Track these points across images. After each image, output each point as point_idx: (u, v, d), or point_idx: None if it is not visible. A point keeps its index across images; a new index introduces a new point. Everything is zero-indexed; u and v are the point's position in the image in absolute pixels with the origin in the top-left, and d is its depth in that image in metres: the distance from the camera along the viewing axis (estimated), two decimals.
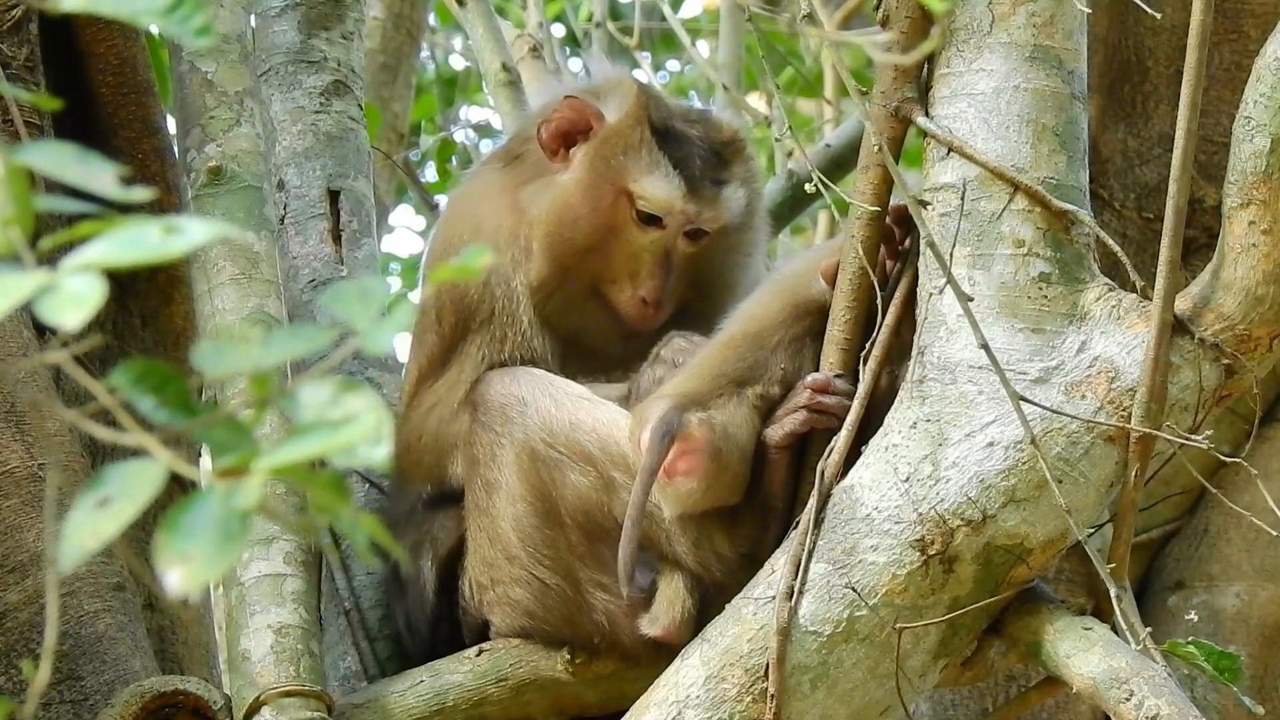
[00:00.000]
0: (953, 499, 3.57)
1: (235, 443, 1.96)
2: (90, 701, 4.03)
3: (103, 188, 2.02)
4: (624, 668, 3.90)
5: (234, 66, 4.35)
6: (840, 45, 3.62)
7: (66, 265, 1.95)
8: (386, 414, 1.96)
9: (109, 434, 1.99)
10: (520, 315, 4.09)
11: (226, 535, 1.90)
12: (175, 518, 1.91)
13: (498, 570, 3.97)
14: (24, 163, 1.99)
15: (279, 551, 3.96)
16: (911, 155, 4.98)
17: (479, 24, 5.79)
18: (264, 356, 2.01)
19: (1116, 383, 3.56)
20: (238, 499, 1.92)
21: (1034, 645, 3.63)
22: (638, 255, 4.08)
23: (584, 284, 4.10)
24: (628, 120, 4.09)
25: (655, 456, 3.69)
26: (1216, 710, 4.79)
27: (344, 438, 1.94)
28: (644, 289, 4.07)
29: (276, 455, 1.94)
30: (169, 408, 1.97)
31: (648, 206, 4.06)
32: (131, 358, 4.34)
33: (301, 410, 1.97)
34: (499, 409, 3.93)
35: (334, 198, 4.71)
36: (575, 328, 4.11)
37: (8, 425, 4.17)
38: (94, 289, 1.91)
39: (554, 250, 4.07)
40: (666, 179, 4.07)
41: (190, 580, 1.88)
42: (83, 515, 1.91)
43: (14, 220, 1.96)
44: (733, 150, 4.18)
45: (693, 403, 3.74)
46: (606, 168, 4.07)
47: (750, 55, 7.75)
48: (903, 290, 3.73)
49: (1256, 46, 3.60)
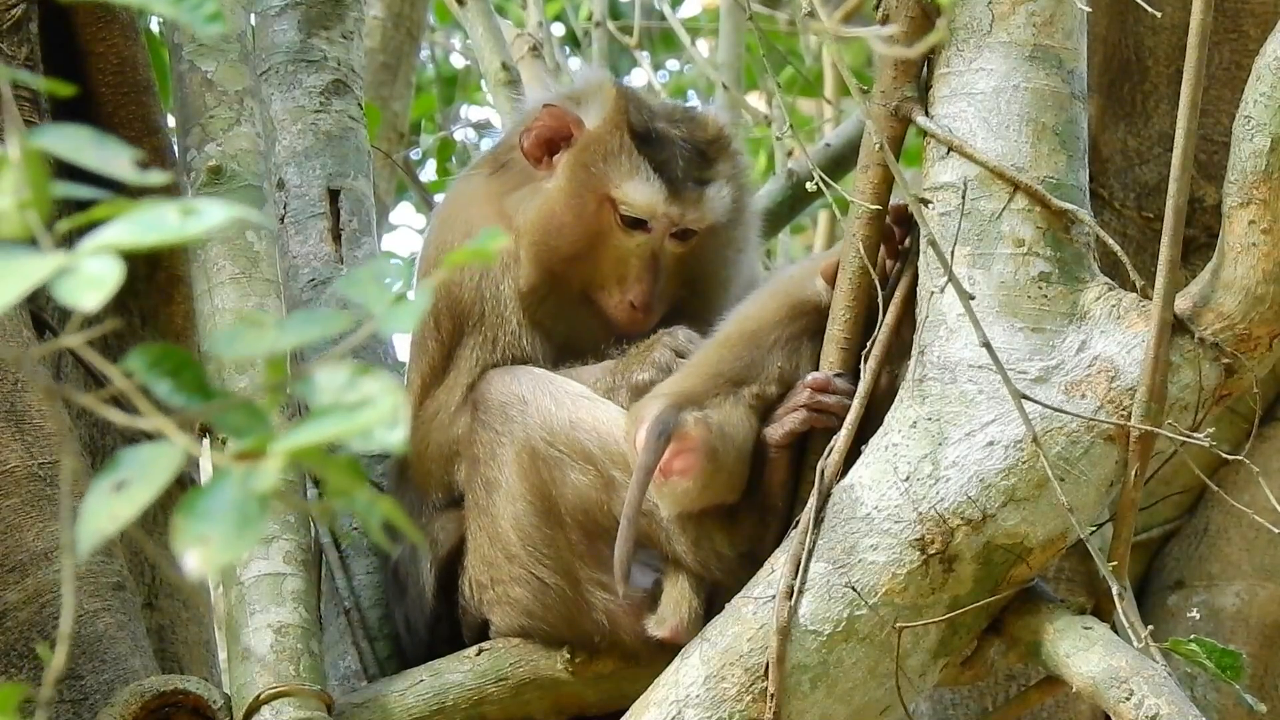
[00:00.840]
0: (953, 498, 3.57)
1: (251, 426, 1.95)
2: (90, 700, 4.03)
3: (119, 171, 2.01)
4: (624, 667, 3.90)
5: (234, 66, 4.35)
6: (841, 43, 3.61)
7: (84, 247, 1.94)
8: (403, 397, 1.96)
9: (124, 418, 1.99)
10: (510, 318, 4.09)
11: (244, 518, 1.90)
12: (193, 501, 1.91)
13: (498, 569, 3.97)
14: (40, 147, 1.99)
15: (279, 550, 3.96)
16: (911, 154, 4.98)
17: (479, 23, 5.79)
18: (279, 340, 2.00)
19: (1116, 382, 3.56)
20: (255, 482, 1.91)
21: (1034, 644, 3.63)
22: (625, 260, 4.07)
23: (573, 289, 4.10)
24: (606, 125, 4.09)
25: (651, 455, 3.69)
26: (1216, 710, 4.79)
27: (360, 421, 1.93)
28: (632, 293, 4.07)
29: (293, 438, 1.93)
30: (185, 392, 1.97)
31: (630, 211, 4.05)
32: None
33: (318, 394, 1.97)
34: (499, 408, 3.93)
35: (334, 197, 4.71)
36: (567, 332, 4.11)
37: (8, 425, 4.17)
38: (112, 270, 1.91)
39: (541, 258, 4.07)
40: (648, 183, 4.06)
41: (208, 563, 1.88)
42: (99, 499, 1.91)
43: (32, 203, 1.96)
44: (717, 148, 4.16)
45: (689, 402, 3.74)
46: (588, 175, 4.07)
47: (750, 54, 7.75)
48: (903, 289, 3.73)
49: (1256, 46, 3.60)
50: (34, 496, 4.14)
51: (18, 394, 4.19)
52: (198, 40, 4.34)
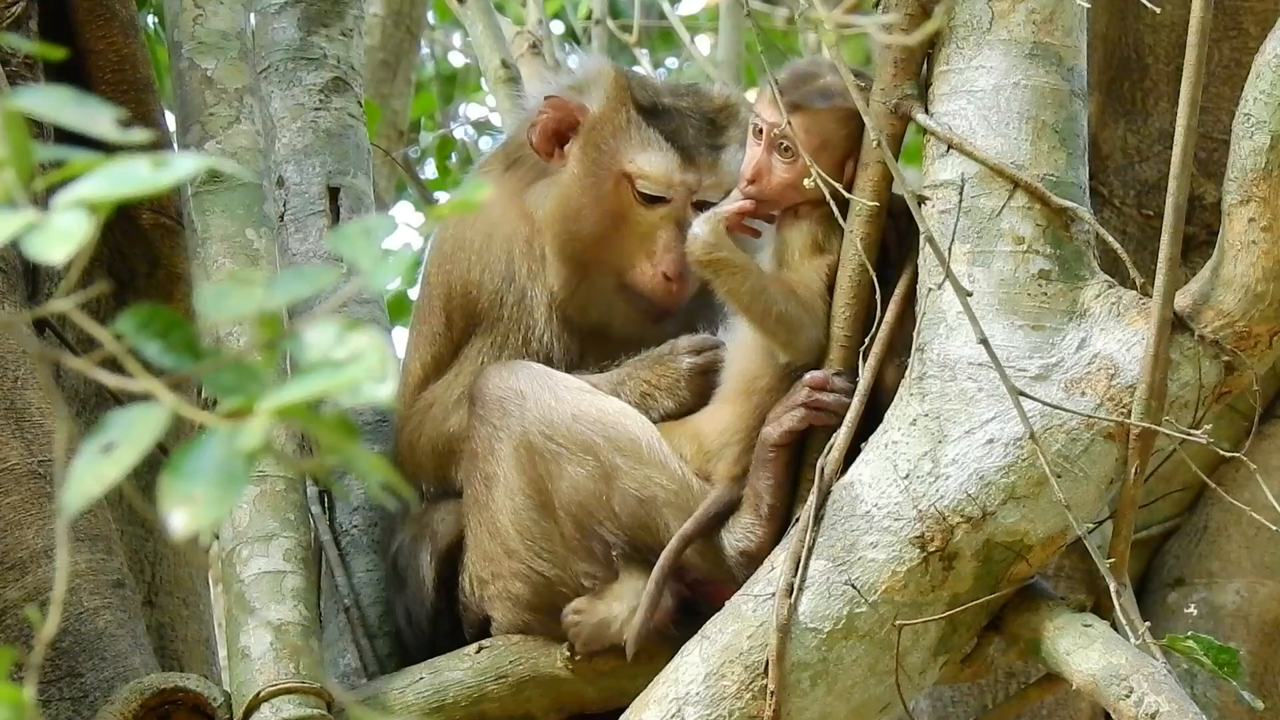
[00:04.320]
0: (952, 496, 3.57)
1: (243, 385, 1.95)
2: (90, 698, 4.03)
3: (101, 130, 2.00)
4: (624, 664, 3.90)
5: (233, 63, 4.35)
6: (841, 41, 3.61)
7: (56, 202, 1.94)
8: (391, 352, 1.95)
9: (115, 380, 1.98)
10: (536, 321, 4.08)
11: (229, 477, 1.89)
12: (179, 460, 1.91)
13: (498, 565, 3.97)
14: (21, 107, 1.98)
15: (278, 548, 3.96)
16: (911, 152, 4.98)
17: (479, 21, 5.79)
18: (269, 298, 1.99)
19: (1116, 380, 3.56)
20: (241, 440, 1.91)
21: (1034, 642, 3.63)
22: (650, 234, 4.06)
23: (606, 276, 4.09)
24: (611, 105, 4.09)
25: (698, 528, 3.79)
26: (1216, 707, 4.80)
27: (348, 376, 1.92)
28: (664, 264, 4.05)
29: (280, 395, 1.92)
30: (175, 352, 1.96)
31: (647, 186, 4.05)
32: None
33: (306, 350, 1.96)
34: (497, 402, 3.93)
35: (334, 194, 4.71)
36: (602, 322, 4.10)
37: (7, 422, 4.17)
38: (80, 224, 1.90)
39: (568, 249, 4.07)
40: (661, 153, 4.06)
41: (194, 522, 1.88)
42: (87, 461, 1.90)
43: (11, 163, 1.95)
44: (726, 115, 4.16)
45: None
46: (600, 155, 4.07)
47: (750, 52, 7.75)
48: (904, 286, 3.73)
49: (1256, 43, 3.60)
50: (34, 494, 4.14)
51: (18, 391, 4.19)
52: (197, 38, 4.34)
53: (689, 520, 3.78)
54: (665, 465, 3.83)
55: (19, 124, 1.96)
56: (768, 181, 3.80)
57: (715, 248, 3.74)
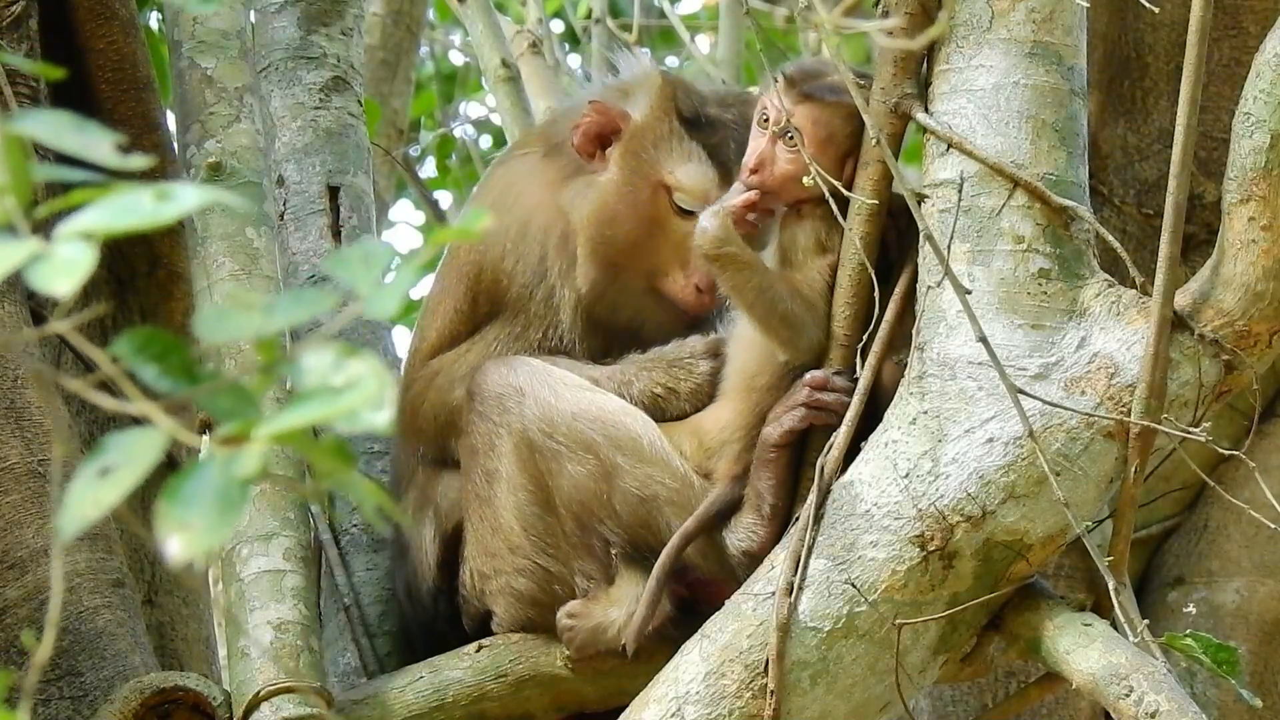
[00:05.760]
0: (952, 495, 3.57)
1: (240, 410, 1.95)
2: (90, 697, 4.03)
3: (100, 156, 2.00)
4: (623, 663, 3.90)
5: (233, 62, 4.35)
6: (841, 40, 3.61)
7: (59, 233, 1.93)
8: (389, 379, 1.95)
9: (112, 403, 1.98)
10: (561, 320, 4.08)
11: (226, 503, 1.89)
12: (175, 486, 1.90)
13: (500, 560, 3.97)
14: (21, 131, 1.98)
15: (278, 547, 3.97)
16: (911, 151, 4.98)
17: (478, 20, 5.79)
18: (267, 322, 1.99)
19: (1116, 379, 3.56)
20: (238, 467, 1.91)
21: (1034, 641, 3.63)
22: (684, 244, 4.04)
23: (637, 280, 4.09)
24: (654, 114, 4.08)
25: (699, 525, 3.78)
26: (1216, 706, 4.79)
27: (346, 403, 1.92)
28: (696, 276, 4.05)
29: (277, 422, 1.92)
30: (172, 376, 1.96)
31: (684, 199, 4.05)
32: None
33: (304, 376, 1.96)
34: (496, 399, 3.92)
35: (334, 194, 4.72)
36: (632, 324, 4.09)
37: (7, 421, 4.17)
38: (85, 256, 1.90)
39: (600, 253, 4.06)
40: (700, 167, 4.06)
41: (190, 548, 1.87)
42: (84, 484, 1.90)
43: (10, 189, 1.95)
44: None
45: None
46: (639, 164, 4.07)
47: (750, 51, 7.75)
48: (903, 285, 3.73)
49: (1256, 42, 3.60)
50: (33, 493, 4.14)
51: (17, 391, 4.20)
52: (197, 37, 4.34)
53: (690, 518, 3.78)
54: (667, 463, 3.83)
55: (19, 149, 1.96)
56: (770, 172, 3.80)
57: (724, 242, 3.74)
